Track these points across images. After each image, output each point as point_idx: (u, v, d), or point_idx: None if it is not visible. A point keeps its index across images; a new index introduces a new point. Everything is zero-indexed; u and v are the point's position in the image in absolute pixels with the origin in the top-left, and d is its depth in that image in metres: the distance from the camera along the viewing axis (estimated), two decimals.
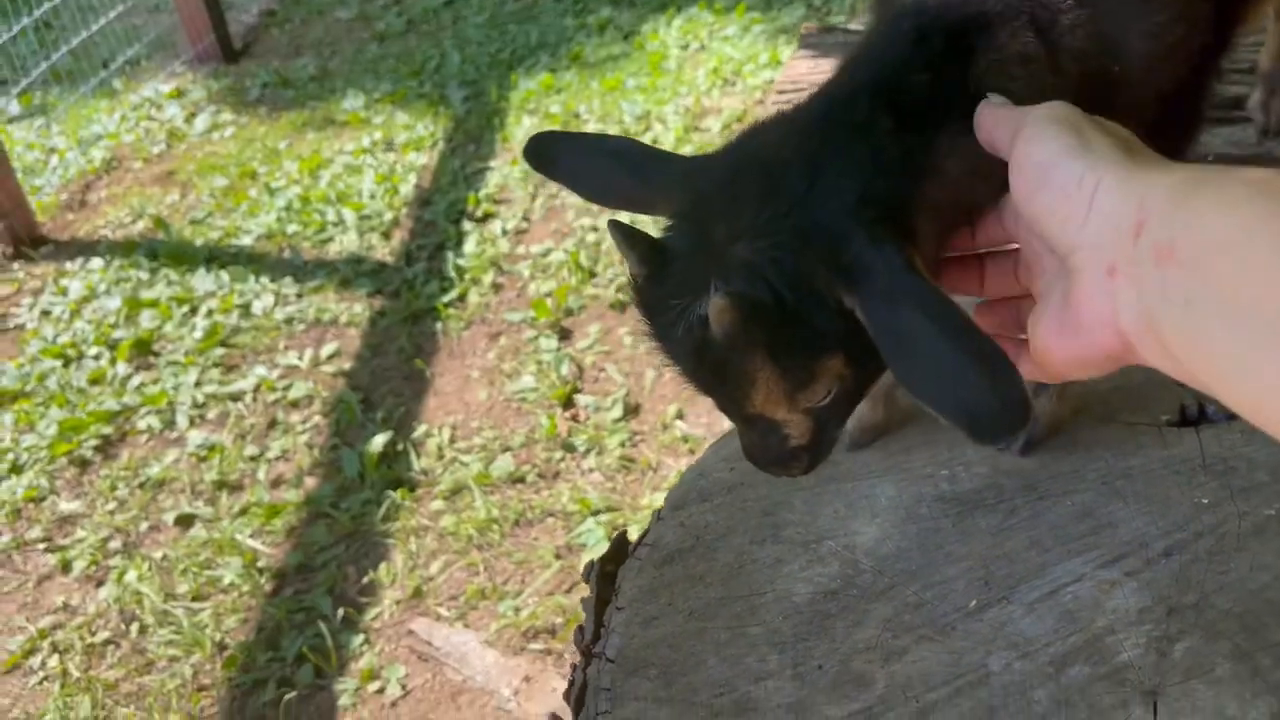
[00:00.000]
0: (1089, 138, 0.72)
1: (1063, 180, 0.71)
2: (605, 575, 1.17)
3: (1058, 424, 1.15)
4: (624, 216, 0.93)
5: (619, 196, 0.95)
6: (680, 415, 2.88)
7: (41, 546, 2.77)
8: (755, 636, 1.03)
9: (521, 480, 2.76)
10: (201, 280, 3.70)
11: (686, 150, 3.96)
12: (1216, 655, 0.88)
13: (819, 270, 0.77)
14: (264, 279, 3.68)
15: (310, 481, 2.85)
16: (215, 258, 3.84)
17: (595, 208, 3.80)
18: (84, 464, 3.01)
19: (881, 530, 1.11)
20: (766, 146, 0.84)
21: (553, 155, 0.94)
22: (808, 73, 3.01)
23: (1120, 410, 1.17)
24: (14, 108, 5.21)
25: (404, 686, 2.31)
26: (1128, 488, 1.07)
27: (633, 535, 2.50)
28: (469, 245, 3.71)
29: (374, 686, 2.31)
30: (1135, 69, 0.94)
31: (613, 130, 4.26)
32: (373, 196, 4.09)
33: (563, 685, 2.28)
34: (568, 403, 2.98)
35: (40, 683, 2.43)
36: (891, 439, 1.23)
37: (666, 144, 4.06)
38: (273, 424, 3.07)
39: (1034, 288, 0.83)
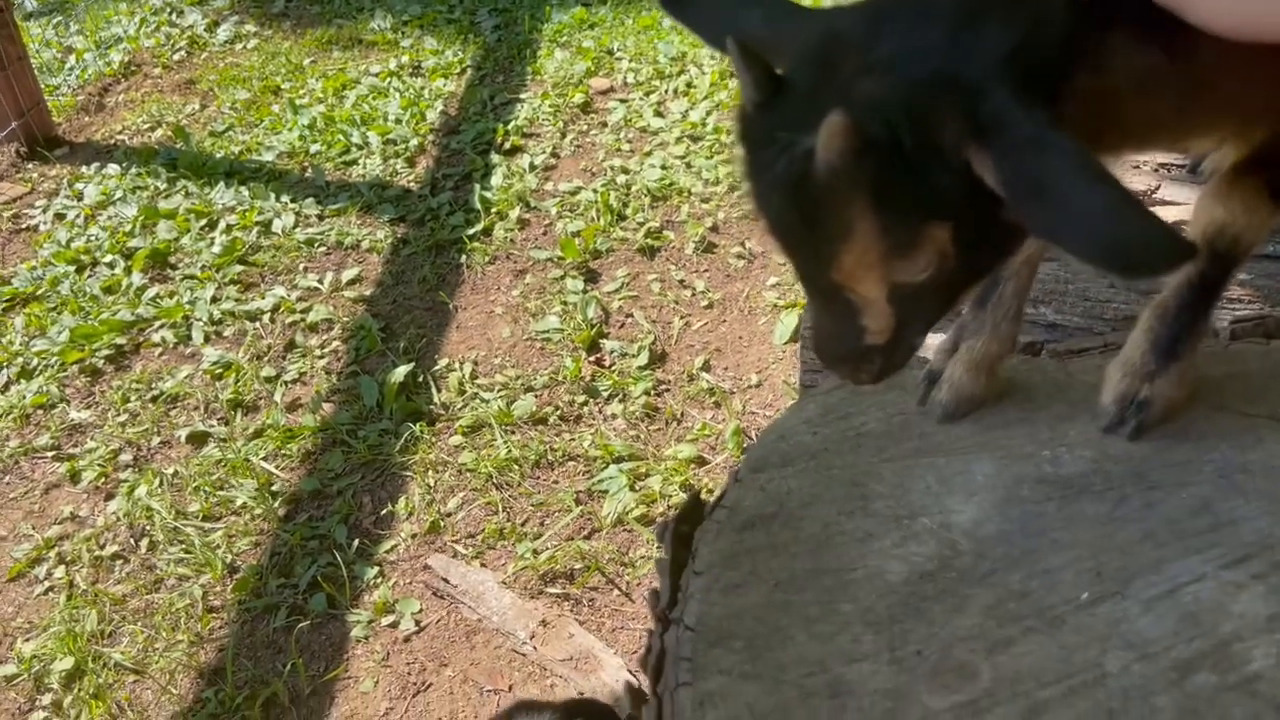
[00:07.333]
0: None
1: None
2: (680, 536, 1.11)
3: (1173, 409, 1.07)
4: None
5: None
6: (706, 367, 2.82)
7: (50, 454, 2.71)
8: (848, 614, 0.97)
9: (543, 421, 2.69)
10: (221, 194, 3.61)
11: (722, 96, 3.86)
12: None
13: (950, 120, 0.70)
14: (285, 198, 3.59)
15: (327, 407, 2.78)
16: (235, 172, 3.75)
17: (626, 147, 3.71)
18: (95, 373, 2.94)
19: (980, 510, 1.04)
20: None
21: None
22: None
23: (1235, 400, 1.10)
24: (31, 3, 5.06)
25: (418, 622, 2.26)
26: (1248, 483, 1.00)
27: (653, 487, 2.48)
28: (496, 178, 3.62)
29: (388, 620, 2.26)
30: None
31: (646, 70, 4.15)
32: (399, 121, 3.99)
33: (580, 631, 2.26)
34: (592, 346, 2.92)
35: (45, 593, 2.38)
36: (987, 412, 1.16)
37: (702, 89, 3.95)
38: (290, 346, 3.00)
39: None
